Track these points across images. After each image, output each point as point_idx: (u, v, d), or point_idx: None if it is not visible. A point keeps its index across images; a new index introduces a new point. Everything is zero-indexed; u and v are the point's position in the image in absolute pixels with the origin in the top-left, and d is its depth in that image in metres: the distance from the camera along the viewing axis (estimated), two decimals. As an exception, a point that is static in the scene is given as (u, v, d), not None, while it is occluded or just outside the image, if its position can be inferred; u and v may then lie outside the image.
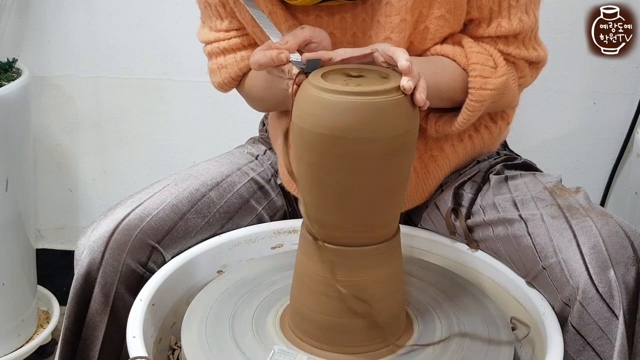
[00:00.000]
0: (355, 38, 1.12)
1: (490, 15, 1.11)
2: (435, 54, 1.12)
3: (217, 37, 1.20)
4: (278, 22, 1.10)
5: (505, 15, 1.10)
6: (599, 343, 0.96)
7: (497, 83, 1.10)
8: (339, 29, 1.12)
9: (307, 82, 0.89)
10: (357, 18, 1.10)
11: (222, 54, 1.21)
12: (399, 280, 0.97)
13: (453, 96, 1.11)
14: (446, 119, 1.14)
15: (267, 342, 0.96)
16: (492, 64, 1.11)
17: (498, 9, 1.10)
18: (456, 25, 1.12)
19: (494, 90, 1.10)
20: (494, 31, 1.11)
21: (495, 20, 1.11)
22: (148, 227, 1.10)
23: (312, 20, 1.11)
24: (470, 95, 1.10)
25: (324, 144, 0.87)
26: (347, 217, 0.91)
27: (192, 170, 1.22)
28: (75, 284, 1.08)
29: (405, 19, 1.07)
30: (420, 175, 1.20)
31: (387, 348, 0.96)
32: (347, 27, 1.11)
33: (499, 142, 1.28)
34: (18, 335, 1.74)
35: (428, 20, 1.09)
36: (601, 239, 0.98)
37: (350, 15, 1.10)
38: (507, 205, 1.11)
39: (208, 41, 1.22)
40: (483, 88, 1.09)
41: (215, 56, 1.22)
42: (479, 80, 1.09)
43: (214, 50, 1.22)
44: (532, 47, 1.15)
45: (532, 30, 1.14)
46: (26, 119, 1.65)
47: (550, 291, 1.01)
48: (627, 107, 1.71)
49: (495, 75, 1.10)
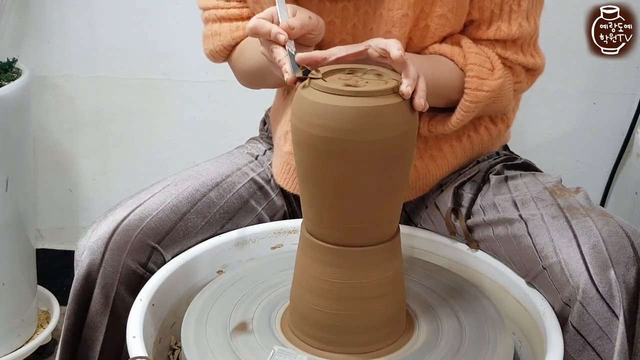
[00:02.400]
0: (355, 29, 1.12)
1: (490, 17, 1.11)
2: (433, 52, 1.12)
3: (216, 4, 1.20)
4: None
5: (505, 19, 1.11)
6: (599, 343, 0.96)
7: (494, 85, 1.10)
8: (340, 18, 1.11)
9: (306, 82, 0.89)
10: (359, 9, 1.10)
11: (218, 21, 1.21)
12: (399, 280, 0.97)
13: (449, 95, 1.11)
14: (439, 119, 1.14)
15: (267, 342, 0.96)
16: (490, 66, 1.11)
17: (499, 12, 1.10)
18: (457, 25, 1.12)
19: (489, 92, 1.10)
20: (493, 34, 1.11)
21: (495, 23, 1.11)
22: (148, 228, 1.10)
23: (314, 7, 1.10)
24: (466, 95, 1.10)
25: (323, 145, 0.87)
26: (347, 217, 0.91)
27: (192, 170, 1.22)
28: (76, 285, 1.08)
29: (407, 14, 1.07)
30: (420, 174, 1.20)
31: (387, 348, 0.96)
32: (348, 17, 1.11)
33: (499, 144, 1.28)
34: (18, 335, 1.74)
35: (429, 18, 1.09)
36: (601, 239, 0.98)
37: (352, 5, 1.10)
38: (507, 205, 1.11)
39: (206, 7, 1.22)
40: (479, 89, 1.09)
41: (212, 22, 1.22)
42: (476, 81, 1.09)
43: (210, 16, 1.22)
44: (530, 54, 1.15)
45: (531, 37, 1.14)
46: (26, 119, 1.65)
47: (551, 291, 1.01)
48: (627, 107, 1.71)
49: (492, 78, 1.10)
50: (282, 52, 0.95)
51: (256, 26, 0.96)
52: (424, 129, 1.16)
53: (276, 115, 1.29)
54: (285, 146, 1.20)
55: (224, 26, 1.21)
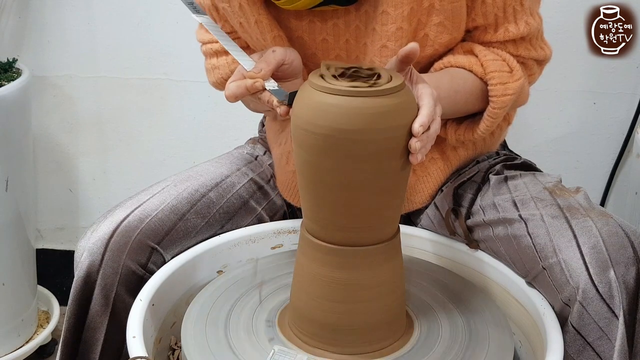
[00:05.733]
0: (348, 45, 1.12)
1: (496, 21, 1.11)
2: (449, 65, 1.12)
3: (211, 38, 1.22)
4: (263, 31, 1.11)
5: (511, 21, 1.11)
6: (599, 343, 0.96)
7: (516, 86, 1.11)
8: (332, 35, 1.12)
9: (307, 82, 0.89)
10: (350, 25, 1.11)
11: (215, 55, 1.23)
12: (399, 280, 0.97)
13: (471, 107, 1.13)
14: (466, 127, 1.15)
15: (267, 342, 0.96)
16: (508, 69, 1.12)
17: (503, 14, 1.10)
18: (455, 31, 1.12)
19: (514, 94, 1.11)
20: (502, 36, 1.12)
21: (502, 26, 1.11)
22: (147, 228, 1.10)
23: (305, 26, 1.12)
24: (493, 103, 1.11)
25: (323, 144, 0.87)
26: (347, 217, 0.91)
27: (192, 171, 1.22)
28: (75, 286, 1.08)
29: (402, 27, 1.08)
30: (420, 178, 1.20)
31: (387, 348, 0.96)
32: (339, 33, 1.12)
33: (500, 142, 1.29)
34: (18, 335, 1.74)
35: (427, 28, 1.09)
36: (601, 239, 0.98)
37: (342, 21, 1.11)
38: (507, 205, 1.11)
39: (203, 41, 1.25)
40: (504, 94, 1.10)
41: (210, 57, 1.24)
42: (499, 87, 1.10)
43: (208, 50, 1.24)
44: (539, 47, 1.16)
45: (538, 30, 1.14)
46: (26, 119, 1.65)
47: (550, 291, 1.01)
48: (627, 107, 1.71)
49: (513, 79, 1.11)
50: (266, 95, 0.97)
51: (233, 92, 0.99)
52: (451, 139, 1.17)
53: (271, 134, 1.30)
54: (289, 165, 1.21)
55: (221, 60, 1.23)
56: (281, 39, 1.12)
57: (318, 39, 1.13)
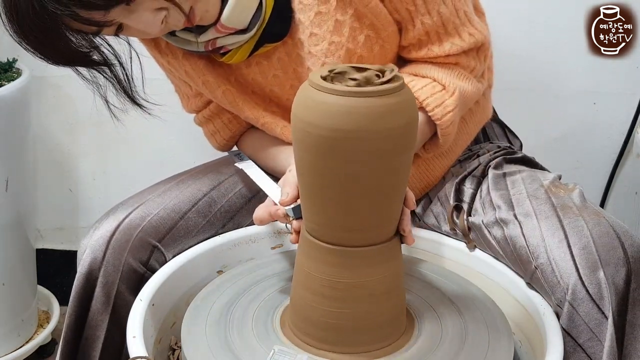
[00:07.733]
0: (296, 73, 1.15)
1: (410, 16, 1.09)
2: None
3: (199, 106, 1.27)
4: (211, 89, 1.18)
5: (424, 12, 1.09)
6: (589, 345, 0.96)
7: (455, 99, 1.11)
8: (280, 69, 1.15)
9: (307, 82, 0.89)
10: (291, 54, 1.13)
11: (210, 120, 1.27)
12: (399, 280, 0.97)
13: (428, 134, 1.13)
14: (430, 142, 1.15)
15: (267, 342, 0.96)
16: (440, 87, 1.11)
17: (414, 7, 1.09)
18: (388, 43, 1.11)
19: (455, 107, 1.11)
20: (419, 33, 1.10)
21: (416, 19, 1.09)
22: (149, 226, 1.11)
23: (255, 69, 1.15)
24: (440, 125, 1.11)
25: (323, 144, 0.87)
26: (347, 217, 0.91)
27: (193, 170, 1.23)
28: (77, 284, 1.08)
29: (334, 41, 1.09)
30: (422, 170, 1.20)
31: (387, 348, 0.96)
32: (285, 65, 1.14)
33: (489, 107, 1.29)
34: (18, 335, 1.74)
35: (357, 45, 1.10)
36: (592, 240, 0.98)
37: (284, 53, 1.13)
38: (504, 204, 1.11)
39: (193, 111, 1.30)
40: (445, 113, 1.10)
41: (205, 124, 1.29)
42: (438, 110, 1.10)
43: (201, 119, 1.29)
44: (466, 33, 1.11)
45: (457, 15, 1.10)
46: (26, 119, 1.65)
47: (544, 292, 1.01)
48: (627, 107, 1.70)
49: (449, 94, 1.11)
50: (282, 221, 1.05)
51: (261, 218, 1.06)
52: (422, 154, 1.18)
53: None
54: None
55: (217, 123, 1.27)
56: (230, 92, 1.17)
57: (270, 76, 1.16)
